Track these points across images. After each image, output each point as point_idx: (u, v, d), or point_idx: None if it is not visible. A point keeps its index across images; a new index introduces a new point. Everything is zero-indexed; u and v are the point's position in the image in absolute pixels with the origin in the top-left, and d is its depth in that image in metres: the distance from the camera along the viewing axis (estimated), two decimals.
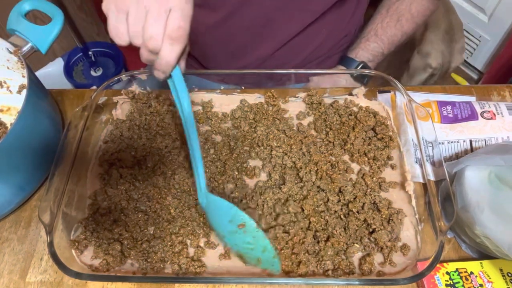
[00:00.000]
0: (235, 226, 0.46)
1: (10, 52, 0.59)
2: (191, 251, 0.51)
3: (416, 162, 0.56)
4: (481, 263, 0.49)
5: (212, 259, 0.51)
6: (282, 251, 0.50)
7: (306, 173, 0.56)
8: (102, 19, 1.55)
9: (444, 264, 0.49)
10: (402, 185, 0.56)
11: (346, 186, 0.54)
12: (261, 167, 0.58)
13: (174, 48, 0.43)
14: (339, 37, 0.82)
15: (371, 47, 0.76)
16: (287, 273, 0.48)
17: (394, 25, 0.75)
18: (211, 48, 0.83)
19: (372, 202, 0.54)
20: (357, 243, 0.51)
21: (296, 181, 0.56)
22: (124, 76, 0.63)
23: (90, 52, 1.54)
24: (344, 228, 0.52)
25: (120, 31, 0.43)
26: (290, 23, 0.75)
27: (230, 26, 0.76)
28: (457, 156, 0.58)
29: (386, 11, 0.76)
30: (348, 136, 0.60)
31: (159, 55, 0.43)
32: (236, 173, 0.57)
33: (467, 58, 1.75)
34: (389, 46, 0.77)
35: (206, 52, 0.85)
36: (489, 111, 0.59)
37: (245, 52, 0.80)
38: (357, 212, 0.52)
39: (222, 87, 0.67)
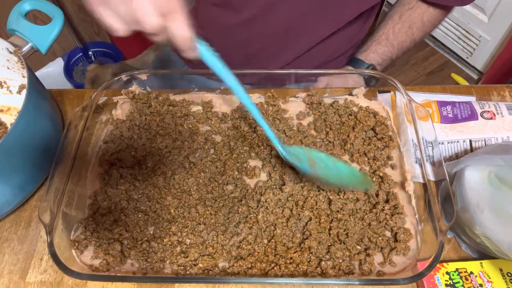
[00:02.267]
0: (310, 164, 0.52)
1: (10, 52, 0.59)
2: (191, 250, 0.51)
3: (416, 162, 0.56)
4: (481, 263, 0.49)
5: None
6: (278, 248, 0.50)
7: None
8: None
9: (444, 264, 0.49)
10: (402, 185, 0.56)
11: None
12: (261, 167, 0.58)
13: (176, 21, 0.40)
14: (351, 43, 0.82)
15: (381, 51, 0.76)
16: (287, 273, 0.48)
17: (405, 32, 0.76)
18: (228, 50, 0.82)
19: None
20: (357, 243, 0.51)
21: (296, 181, 0.56)
22: (124, 76, 0.63)
23: (90, 52, 1.54)
24: (345, 228, 0.52)
25: (114, 27, 0.41)
26: (312, 33, 0.75)
27: (251, 30, 0.75)
28: (457, 156, 0.58)
29: (398, 17, 0.76)
30: (348, 136, 0.60)
31: (171, 35, 0.41)
32: (236, 173, 0.58)
33: (467, 58, 1.75)
34: (398, 52, 0.77)
35: (221, 53, 0.84)
36: (489, 111, 0.59)
37: (262, 58, 0.79)
38: (357, 212, 0.52)
39: (222, 87, 0.67)
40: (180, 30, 0.40)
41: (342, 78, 0.69)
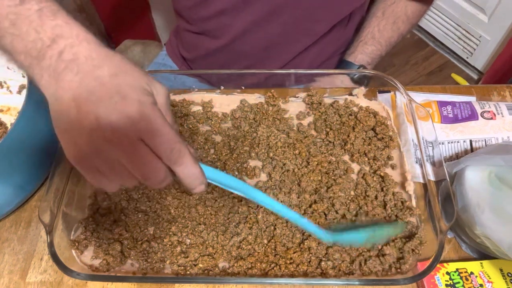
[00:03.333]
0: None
1: None
2: (191, 251, 0.51)
3: (416, 162, 0.56)
4: (481, 263, 0.49)
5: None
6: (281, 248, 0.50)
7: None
8: (102, 18, 1.55)
9: (444, 264, 0.49)
10: (402, 185, 0.56)
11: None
12: (261, 167, 0.58)
13: (185, 164, 0.35)
14: (334, 47, 0.82)
15: (369, 50, 0.76)
16: (287, 274, 0.48)
17: (390, 28, 0.75)
18: (213, 69, 0.84)
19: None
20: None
21: (297, 182, 0.56)
22: None
23: None
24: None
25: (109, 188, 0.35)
26: (293, 46, 0.76)
27: (233, 51, 0.77)
28: (457, 156, 0.58)
29: (382, 13, 0.76)
30: (348, 136, 0.60)
31: (180, 179, 0.36)
32: (236, 173, 0.57)
33: (467, 58, 1.75)
34: (386, 48, 0.77)
35: (198, 59, 0.85)
36: (489, 111, 0.59)
37: (247, 74, 0.80)
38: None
39: (222, 87, 0.67)
40: (190, 170, 0.36)
41: (335, 82, 0.70)
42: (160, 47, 1.21)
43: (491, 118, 0.58)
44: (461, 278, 0.48)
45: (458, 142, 0.59)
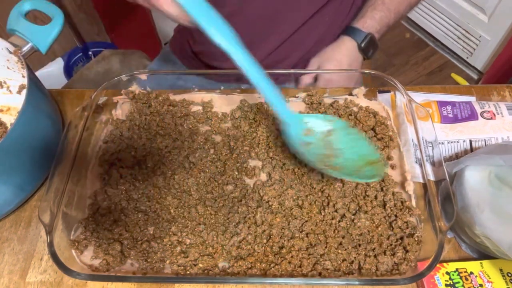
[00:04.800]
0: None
1: (10, 52, 0.59)
2: (191, 251, 0.51)
3: (416, 162, 0.56)
4: (481, 263, 0.49)
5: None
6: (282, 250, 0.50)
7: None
8: (102, 18, 1.55)
9: (444, 264, 0.49)
10: (402, 185, 0.56)
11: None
12: (261, 167, 0.58)
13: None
14: (341, 28, 0.82)
15: (378, 16, 0.75)
16: (286, 273, 0.48)
17: None
18: (216, 46, 0.83)
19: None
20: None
21: (296, 182, 0.56)
22: (124, 76, 0.63)
23: (90, 52, 1.54)
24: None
25: None
26: (295, 14, 0.75)
27: (235, 22, 0.76)
28: (457, 156, 0.58)
29: None
30: None
31: None
32: (236, 173, 0.58)
33: (467, 58, 1.75)
34: (395, 16, 0.76)
35: (210, 49, 0.85)
36: (489, 111, 0.59)
37: (251, 47, 0.80)
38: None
39: (222, 87, 0.67)
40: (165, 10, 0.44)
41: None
42: (144, 57, 1.24)
43: (491, 118, 0.59)
44: (461, 278, 0.48)
45: (457, 142, 0.59)
